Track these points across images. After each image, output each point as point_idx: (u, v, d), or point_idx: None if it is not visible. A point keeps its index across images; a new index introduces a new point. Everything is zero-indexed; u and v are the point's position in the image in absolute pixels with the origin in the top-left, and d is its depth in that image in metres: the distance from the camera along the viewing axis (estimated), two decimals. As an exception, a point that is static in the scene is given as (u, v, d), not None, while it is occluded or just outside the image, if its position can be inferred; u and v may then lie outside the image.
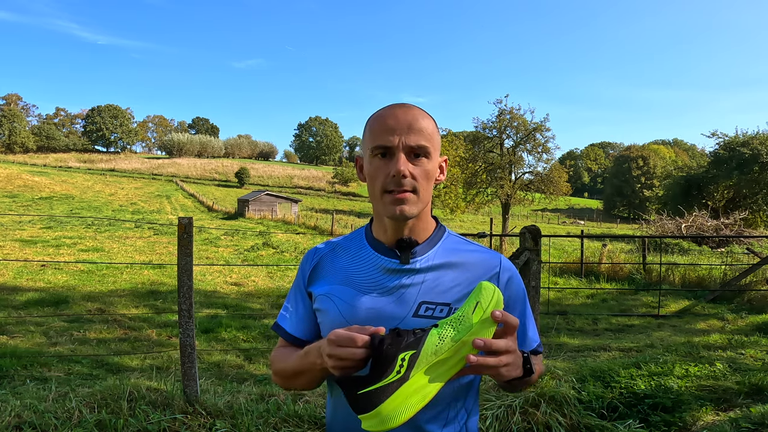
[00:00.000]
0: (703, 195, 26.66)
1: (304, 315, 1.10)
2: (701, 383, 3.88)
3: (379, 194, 0.99)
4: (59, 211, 30.43)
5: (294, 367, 1.03)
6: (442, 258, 1.04)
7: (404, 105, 1.02)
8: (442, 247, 1.07)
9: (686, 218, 17.12)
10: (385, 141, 0.97)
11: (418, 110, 1.01)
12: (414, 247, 1.03)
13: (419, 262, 1.03)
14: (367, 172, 1.02)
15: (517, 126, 33.43)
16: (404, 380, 0.82)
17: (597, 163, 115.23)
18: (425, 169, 0.99)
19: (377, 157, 0.99)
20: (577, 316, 7.59)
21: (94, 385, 3.38)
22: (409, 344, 0.83)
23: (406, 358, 0.82)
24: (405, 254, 1.03)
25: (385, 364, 0.82)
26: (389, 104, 1.03)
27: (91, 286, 9.68)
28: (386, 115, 1.00)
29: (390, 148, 0.97)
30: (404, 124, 0.97)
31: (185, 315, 3.24)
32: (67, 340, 5.94)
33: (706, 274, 9.70)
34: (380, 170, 0.98)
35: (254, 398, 3.30)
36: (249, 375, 4.63)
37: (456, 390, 1.02)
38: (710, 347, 5.17)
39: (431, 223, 1.09)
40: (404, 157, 0.97)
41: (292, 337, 1.10)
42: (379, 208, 1.01)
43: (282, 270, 12.46)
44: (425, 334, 0.84)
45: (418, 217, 1.02)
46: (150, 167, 75.79)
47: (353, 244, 1.11)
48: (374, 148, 0.99)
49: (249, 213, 33.74)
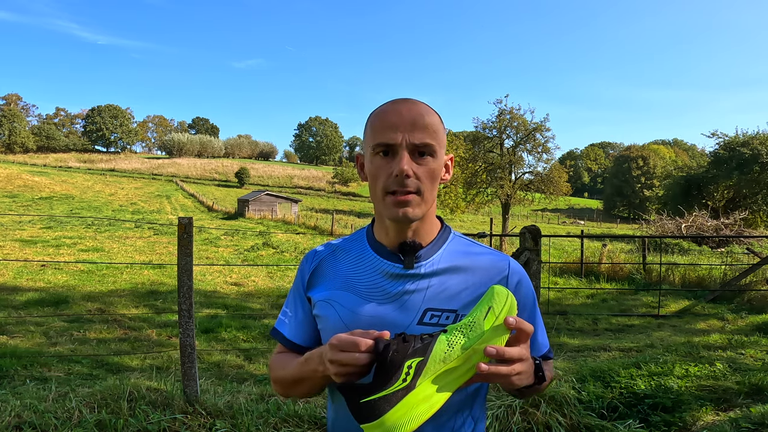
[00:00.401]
0: (703, 195, 26.67)
1: (303, 320, 1.05)
2: (701, 383, 3.88)
3: (381, 195, 0.93)
4: (59, 211, 30.42)
5: (294, 374, 0.98)
6: (447, 262, 0.98)
7: (408, 100, 0.95)
8: (448, 249, 1.00)
9: (686, 218, 17.12)
10: (388, 138, 0.91)
11: (422, 105, 0.95)
12: (418, 251, 0.97)
13: (424, 266, 0.97)
14: (368, 171, 0.96)
15: (517, 126, 33.46)
16: (410, 389, 0.78)
17: (597, 163, 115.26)
18: (430, 168, 0.92)
19: (379, 156, 0.92)
20: (577, 316, 7.58)
21: (94, 385, 3.38)
22: (416, 350, 0.79)
23: (413, 366, 0.78)
24: (408, 258, 0.97)
25: (391, 371, 0.78)
26: (392, 99, 0.97)
27: (91, 286, 9.67)
28: (389, 111, 0.93)
29: (393, 145, 0.91)
30: (408, 121, 0.91)
31: (185, 315, 3.24)
32: (67, 340, 5.94)
33: (706, 274, 9.70)
34: (382, 169, 0.92)
35: (254, 398, 3.30)
36: (249, 375, 4.62)
37: (463, 398, 0.97)
38: (710, 347, 5.17)
39: (436, 225, 1.02)
40: (408, 156, 0.90)
41: (291, 343, 1.05)
42: (381, 210, 0.95)
43: (282, 270, 12.45)
44: (433, 340, 0.80)
45: (422, 219, 0.96)
46: (150, 167, 75.78)
47: (354, 246, 1.04)
48: (376, 146, 0.92)
49: (249, 213, 33.70)
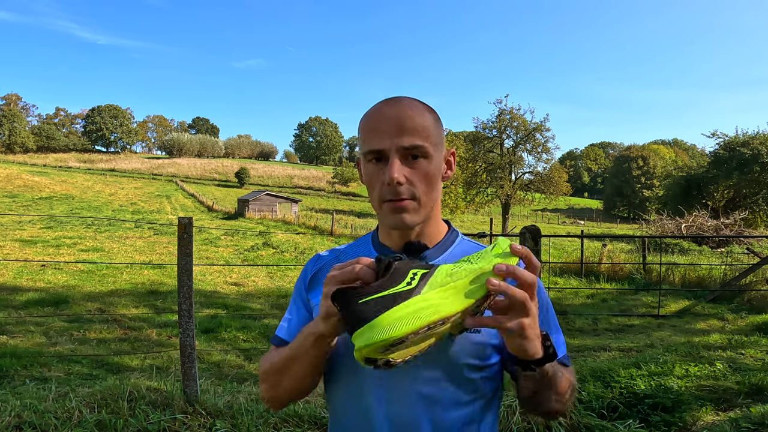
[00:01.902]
0: (703, 195, 26.69)
1: (305, 321, 0.98)
2: (701, 383, 3.89)
3: (378, 203, 0.90)
4: (59, 211, 30.42)
5: (286, 354, 0.89)
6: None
7: (395, 100, 0.90)
8: (455, 252, 0.96)
9: (686, 218, 17.12)
10: (376, 144, 0.87)
11: (411, 105, 0.89)
12: (423, 252, 0.91)
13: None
14: (363, 178, 0.93)
15: (517, 126, 33.48)
16: (415, 293, 0.68)
17: (597, 163, 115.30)
18: (425, 171, 0.88)
19: (371, 163, 0.89)
20: (577, 316, 7.58)
21: (94, 385, 3.38)
22: (421, 266, 0.73)
23: (419, 274, 0.71)
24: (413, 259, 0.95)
25: (395, 276, 0.70)
26: (380, 101, 0.92)
27: (91, 286, 9.67)
28: (374, 116, 0.89)
29: (382, 151, 0.87)
30: (395, 124, 0.86)
31: (185, 315, 3.24)
32: (67, 340, 5.94)
33: (706, 274, 9.70)
34: (375, 177, 0.89)
35: (254, 398, 3.30)
36: (249, 375, 4.63)
37: (470, 412, 0.90)
38: (710, 347, 5.17)
39: (442, 228, 0.99)
40: (398, 162, 0.85)
41: (287, 343, 0.97)
42: (380, 218, 0.93)
43: (282, 270, 12.45)
44: (436, 267, 0.74)
45: (425, 222, 0.93)
46: (150, 167, 75.78)
47: (359, 251, 1.01)
48: (366, 153, 0.89)
49: (249, 213, 33.67)
